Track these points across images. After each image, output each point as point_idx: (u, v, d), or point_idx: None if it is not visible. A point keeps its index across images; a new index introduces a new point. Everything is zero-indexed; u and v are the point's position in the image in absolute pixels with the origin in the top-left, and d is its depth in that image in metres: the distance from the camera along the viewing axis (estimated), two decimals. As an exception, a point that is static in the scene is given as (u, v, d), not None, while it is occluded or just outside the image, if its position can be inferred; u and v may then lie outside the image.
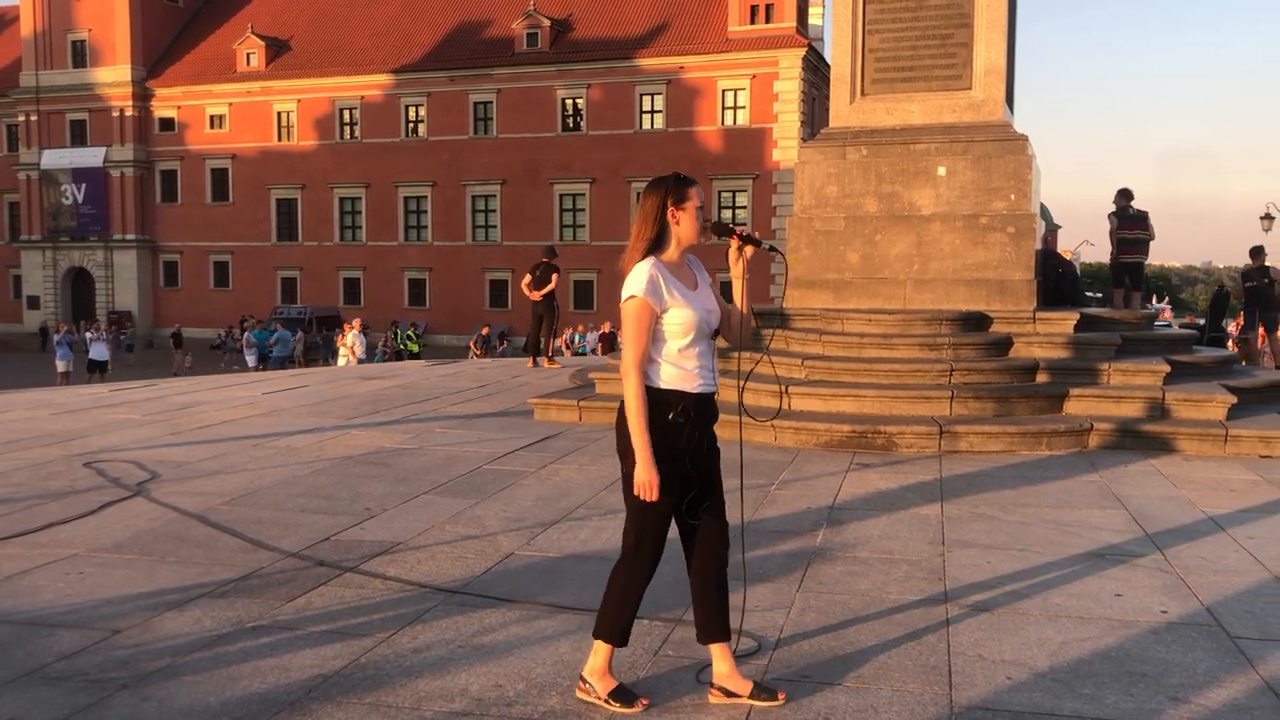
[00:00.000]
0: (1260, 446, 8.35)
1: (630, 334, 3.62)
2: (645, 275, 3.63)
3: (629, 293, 3.63)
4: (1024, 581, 5.13)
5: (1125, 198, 14.69)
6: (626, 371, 3.61)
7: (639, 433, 3.57)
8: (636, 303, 3.62)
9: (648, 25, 51.10)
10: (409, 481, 7.46)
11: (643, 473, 3.56)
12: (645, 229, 3.70)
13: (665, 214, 3.69)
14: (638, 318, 3.61)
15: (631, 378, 3.59)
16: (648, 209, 3.70)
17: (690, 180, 3.78)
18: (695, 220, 3.71)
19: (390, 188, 54.57)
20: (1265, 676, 3.99)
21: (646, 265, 3.66)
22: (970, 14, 10.97)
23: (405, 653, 4.22)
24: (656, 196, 3.69)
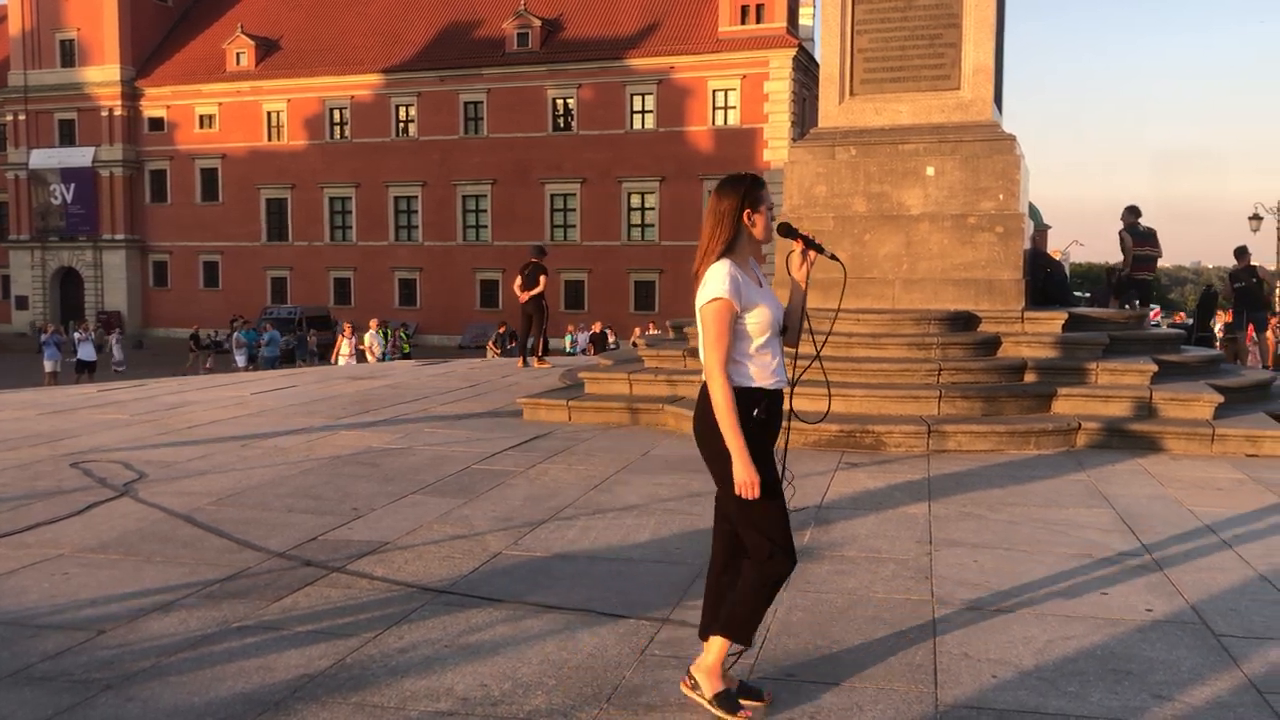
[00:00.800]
0: (1247, 445, 8.39)
1: (714, 335, 3.58)
2: (727, 276, 3.60)
3: (712, 295, 3.59)
4: (1010, 580, 5.14)
5: (1134, 214, 14.76)
6: (713, 374, 3.57)
7: (734, 433, 3.54)
8: (721, 304, 3.58)
9: (638, 25, 51.12)
10: (397, 481, 7.45)
11: (743, 472, 3.53)
12: (722, 231, 3.66)
13: (742, 216, 3.67)
14: (722, 319, 3.58)
15: (719, 379, 3.56)
16: (724, 210, 3.67)
17: (763, 181, 3.79)
18: (767, 222, 3.71)
19: (380, 187, 54.51)
20: (1249, 674, 4.01)
21: (726, 266, 3.63)
22: (959, 14, 10.99)
23: (391, 652, 4.22)
24: (734, 198, 3.67)
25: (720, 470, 3.66)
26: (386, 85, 53.93)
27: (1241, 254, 16.30)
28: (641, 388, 10.63)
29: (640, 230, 51.29)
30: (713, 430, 3.62)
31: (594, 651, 4.24)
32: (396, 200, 54.79)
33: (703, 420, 3.70)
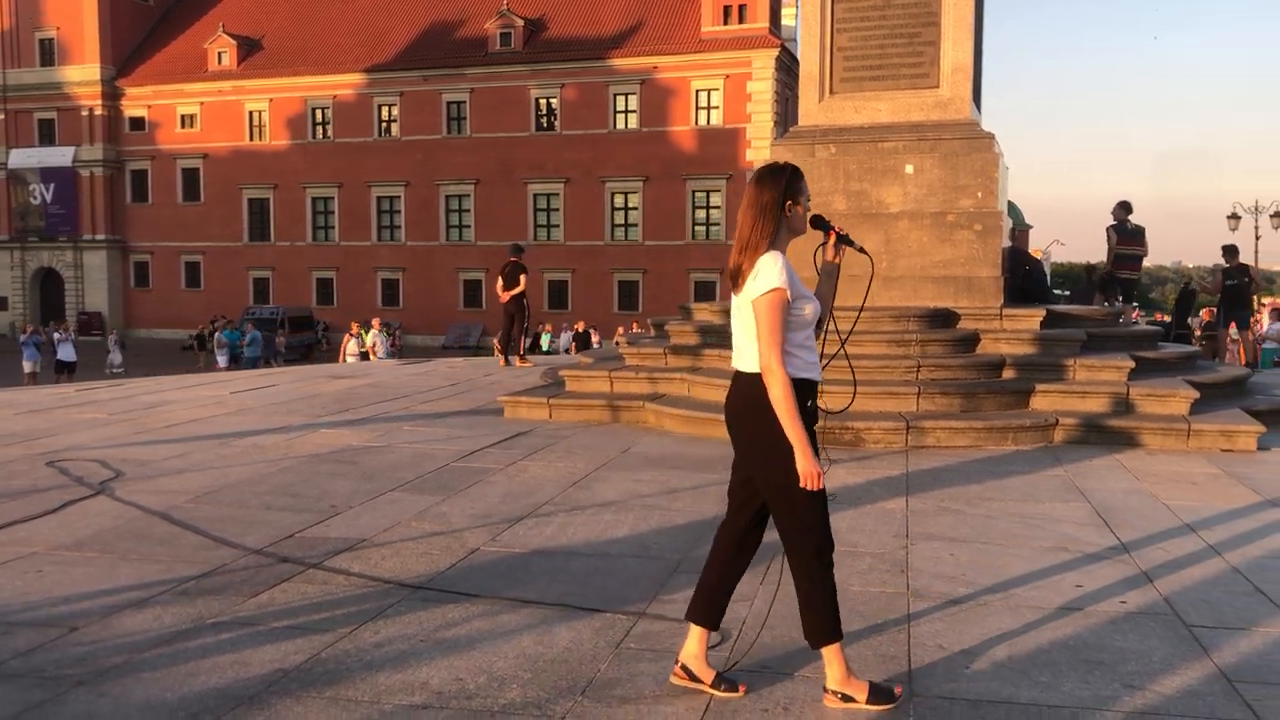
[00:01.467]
0: (1222, 441, 8.45)
1: (772, 327, 3.54)
2: (781, 266, 3.57)
3: (770, 285, 3.54)
4: (986, 574, 5.17)
5: (1125, 210, 14.73)
6: (772, 367, 3.53)
7: (795, 425, 3.52)
8: (779, 294, 3.54)
9: (621, 25, 51.13)
10: (376, 479, 7.43)
11: (806, 464, 3.52)
12: (766, 223, 3.63)
13: (783, 208, 3.65)
14: (779, 310, 3.55)
15: (779, 373, 3.53)
16: (766, 202, 3.64)
17: (802, 173, 3.77)
18: (805, 213, 3.72)
19: (363, 187, 54.36)
20: (1219, 664, 4.04)
21: (778, 257, 3.60)
22: (937, 13, 11.03)
23: (366, 647, 4.21)
24: (776, 190, 3.65)
25: (762, 459, 3.65)
26: (369, 85, 53.79)
27: (1233, 253, 16.40)
28: (622, 385, 10.63)
29: (624, 230, 51.31)
30: (757, 418, 3.61)
31: (570, 645, 4.24)
32: (379, 200, 54.65)
33: (746, 408, 3.68)
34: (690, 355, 10.89)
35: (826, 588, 3.68)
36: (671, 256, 49.80)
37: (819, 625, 3.68)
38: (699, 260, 49.55)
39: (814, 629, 3.69)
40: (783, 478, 3.59)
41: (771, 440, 3.58)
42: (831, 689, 3.68)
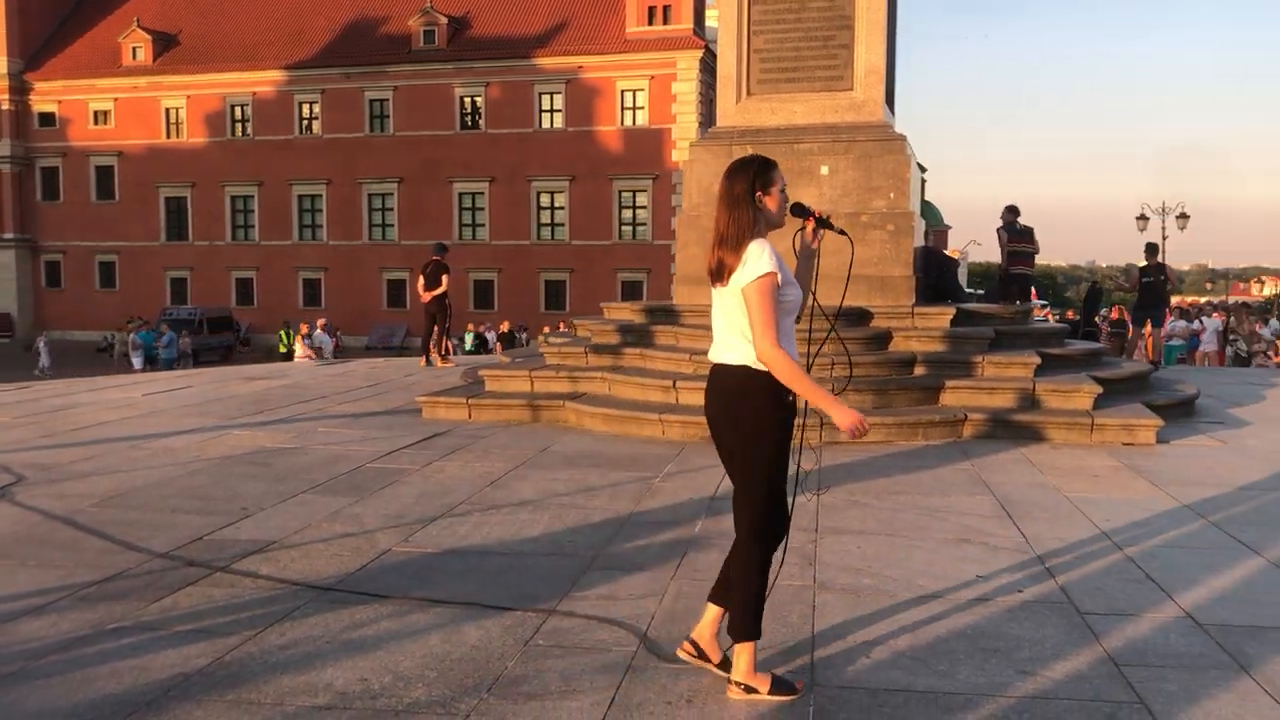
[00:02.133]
0: (1123, 434, 8.72)
1: (766, 312, 3.57)
2: (770, 252, 3.61)
3: (762, 270, 3.56)
4: (891, 565, 5.29)
5: (1013, 213, 15.16)
6: (772, 351, 3.56)
7: (814, 390, 3.56)
8: (772, 279, 3.58)
9: (546, 24, 50.98)
10: (288, 481, 7.35)
11: (846, 416, 3.56)
12: (742, 214, 3.67)
13: (755, 198, 3.68)
14: (772, 295, 3.58)
15: (779, 353, 3.56)
16: (738, 194, 3.68)
17: (773, 163, 3.80)
18: (780, 202, 3.74)
19: (284, 186, 53.46)
20: (1108, 649, 4.18)
21: (765, 244, 3.64)
22: (851, 16, 11.22)
23: (271, 650, 4.18)
24: (745, 181, 3.69)
25: (746, 447, 3.69)
26: (289, 82, 52.91)
27: (1152, 251, 16.90)
28: (543, 385, 10.64)
29: (550, 230, 51.18)
30: (753, 409, 3.64)
31: (478, 644, 4.25)
32: (300, 199, 53.79)
33: (724, 400, 3.73)
34: (611, 354, 10.93)
35: (756, 582, 3.75)
36: (599, 256, 49.81)
37: (740, 620, 3.74)
38: (626, 260, 49.63)
39: (735, 622, 3.76)
40: (753, 460, 3.68)
41: (746, 422, 3.65)
42: (735, 680, 3.74)
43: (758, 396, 3.64)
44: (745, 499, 3.75)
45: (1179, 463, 7.99)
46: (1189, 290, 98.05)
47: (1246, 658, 4.06)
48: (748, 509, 3.75)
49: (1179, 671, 3.93)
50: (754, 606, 3.74)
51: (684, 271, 11.82)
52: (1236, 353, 24.35)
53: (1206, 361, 22.25)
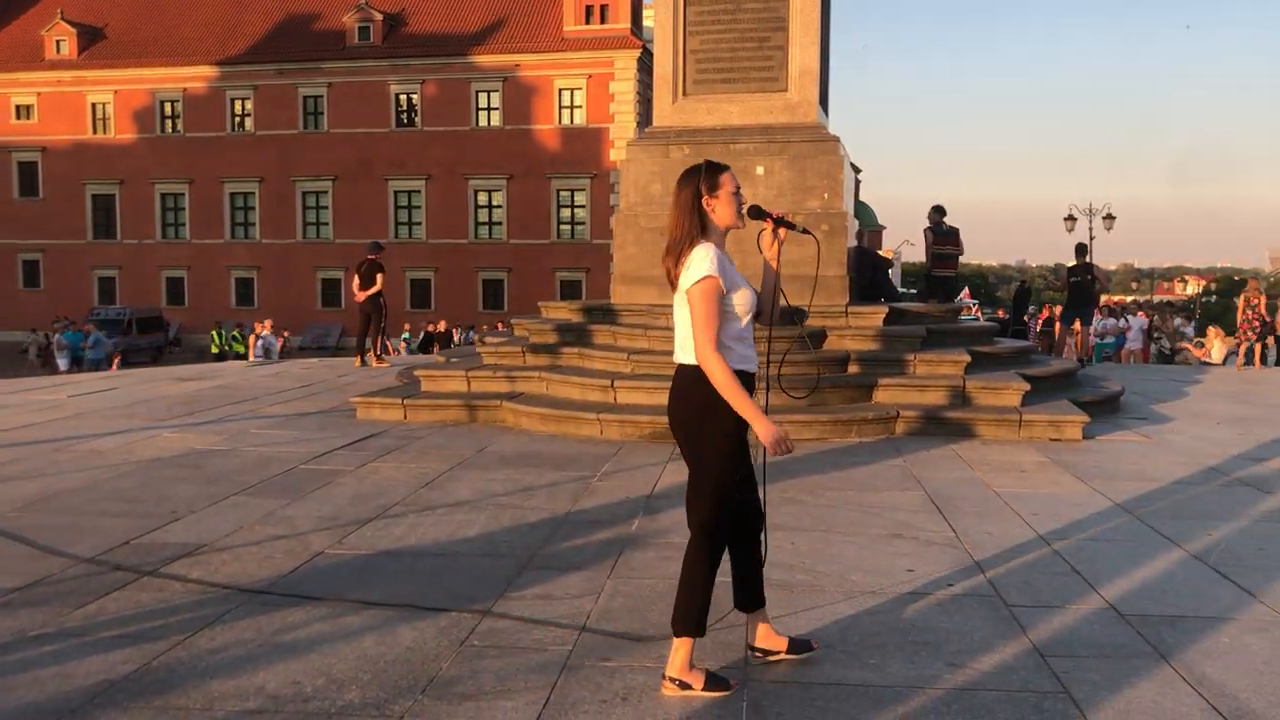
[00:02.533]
0: (1050, 430, 8.91)
1: (705, 315, 3.60)
2: (713, 255, 3.64)
3: (702, 273, 3.61)
4: (823, 561, 5.35)
5: (939, 214, 15.35)
6: (707, 352, 3.60)
7: (743, 400, 3.59)
8: (712, 282, 3.61)
9: (483, 22, 50.71)
10: (219, 483, 7.23)
11: (767, 429, 3.58)
12: (686, 220, 3.72)
13: (701, 203, 3.71)
14: (712, 298, 3.61)
15: (714, 357, 3.59)
16: (684, 200, 3.73)
17: (722, 167, 3.81)
18: (732, 205, 3.74)
19: (215, 183, 52.51)
20: (1034, 640, 4.27)
21: (709, 248, 3.67)
22: (786, 18, 11.32)
23: (201, 654, 4.11)
24: (691, 187, 3.73)
25: (701, 448, 3.73)
26: (221, 78, 51.99)
27: (1081, 251, 17.24)
28: (480, 384, 10.58)
29: (488, 228, 50.91)
30: (697, 409, 3.68)
31: (412, 645, 4.23)
32: (233, 197, 52.90)
33: (685, 401, 3.74)
34: (549, 354, 10.92)
35: (702, 578, 3.77)
36: (537, 255, 49.66)
37: (683, 613, 3.77)
38: (564, 259, 49.56)
39: (678, 615, 3.78)
40: (704, 461, 3.73)
41: (699, 421, 3.69)
42: (670, 676, 3.77)
43: (707, 395, 3.67)
44: (696, 496, 3.79)
45: (1104, 458, 8.18)
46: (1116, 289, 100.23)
47: (1166, 646, 4.18)
48: (698, 506, 3.79)
49: (1102, 661, 4.03)
50: (698, 602, 3.76)
51: (622, 271, 11.84)
52: (1161, 350, 24.98)
53: (1132, 359, 22.78)
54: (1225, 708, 3.61)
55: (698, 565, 3.78)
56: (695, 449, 3.77)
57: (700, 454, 3.76)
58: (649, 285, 11.51)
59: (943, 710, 3.62)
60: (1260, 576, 5.09)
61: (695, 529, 3.79)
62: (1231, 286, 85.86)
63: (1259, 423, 10.02)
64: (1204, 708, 3.61)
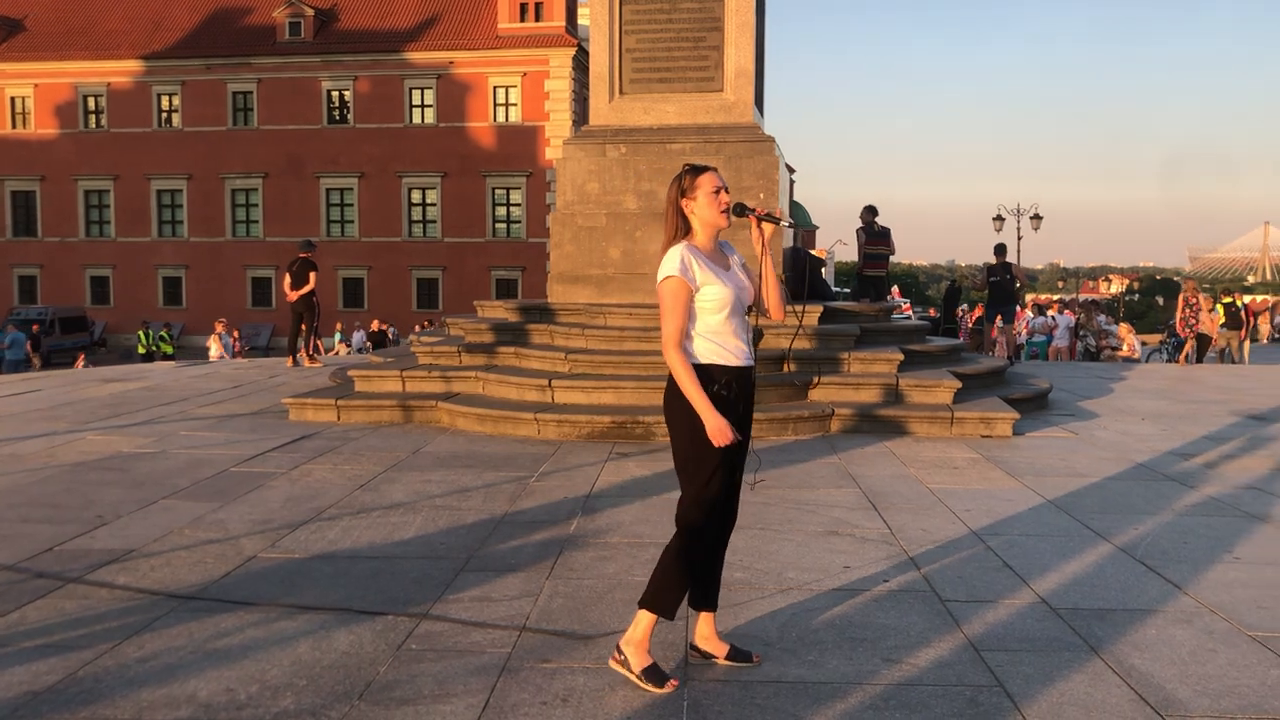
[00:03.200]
0: (981, 427, 9.06)
1: (668, 310, 3.78)
2: (678, 256, 3.81)
3: (665, 274, 3.79)
4: (761, 558, 5.38)
5: (871, 214, 15.52)
6: (666, 345, 3.79)
7: (696, 392, 3.73)
8: (674, 281, 3.78)
9: (416, 19, 50.25)
10: (147, 487, 7.07)
11: (712, 420, 3.70)
12: (669, 223, 3.92)
13: (681, 205, 3.87)
14: (674, 295, 3.78)
15: (673, 351, 3.78)
16: (668, 205, 3.93)
17: (701, 169, 3.93)
18: (712, 204, 3.85)
19: (142, 180, 51.36)
20: (969, 635, 4.34)
21: (678, 248, 3.84)
22: (721, 18, 11.37)
23: (130, 663, 4.01)
24: (673, 192, 3.91)
25: (674, 439, 3.88)
26: (147, 73, 50.86)
27: (1001, 251, 17.54)
28: (415, 385, 10.48)
29: (422, 226, 50.45)
30: (676, 404, 3.82)
31: (349, 650, 4.17)
32: (160, 194, 51.77)
33: (669, 395, 3.89)
34: (485, 353, 10.85)
35: (680, 566, 3.84)
36: (472, 254, 49.34)
37: (655, 591, 3.85)
38: (500, 258, 49.30)
39: (650, 592, 3.85)
40: (682, 452, 3.85)
41: (682, 417, 3.81)
42: (622, 646, 3.86)
43: (678, 391, 3.81)
44: (682, 492, 3.91)
45: (1034, 454, 8.34)
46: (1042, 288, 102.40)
47: (1096, 639, 4.26)
48: (681, 502, 3.90)
49: (1035, 655, 4.10)
50: (671, 583, 3.83)
51: (559, 270, 11.80)
52: (1086, 348, 25.54)
53: (1059, 356, 23.26)
54: (1153, 698, 3.69)
55: (674, 560, 3.85)
56: (673, 442, 3.91)
57: (676, 447, 3.89)
58: (586, 284, 11.50)
59: (881, 706, 3.65)
60: (1186, 569, 5.23)
61: (678, 525, 3.89)
62: (1154, 285, 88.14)
63: (1182, 419, 10.28)
64: (1133, 699, 3.69)
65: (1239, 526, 6.10)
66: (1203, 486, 7.17)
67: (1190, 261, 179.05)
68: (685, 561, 3.86)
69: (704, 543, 3.88)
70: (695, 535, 3.86)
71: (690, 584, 3.90)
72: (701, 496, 3.83)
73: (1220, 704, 3.65)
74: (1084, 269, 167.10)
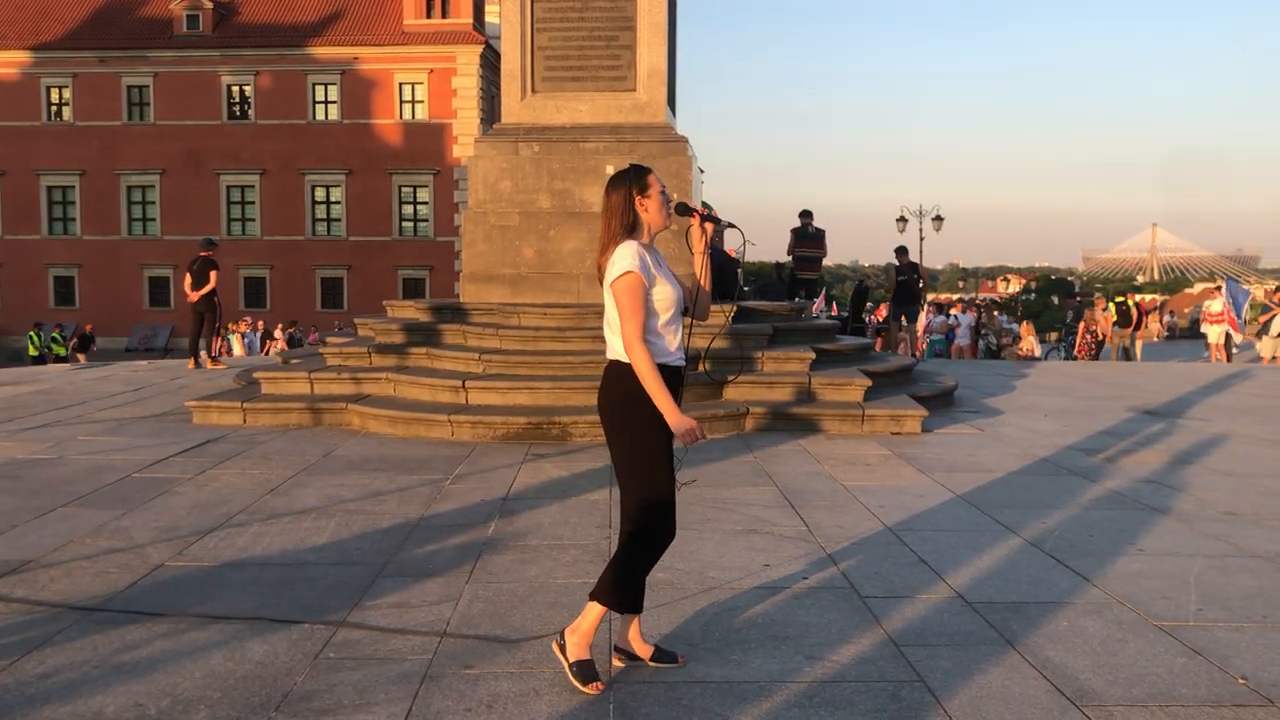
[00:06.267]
0: (891, 424, 9.21)
1: (629, 308, 3.72)
2: (633, 251, 3.76)
3: (623, 269, 3.73)
4: (683, 558, 5.38)
5: (806, 217, 15.72)
6: (633, 343, 3.71)
7: (660, 392, 3.69)
8: (633, 277, 3.72)
9: (320, 13, 49.34)
10: (45, 494, 6.80)
11: (679, 422, 3.70)
12: (616, 221, 3.85)
13: (634, 204, 3.83)
14: (634, 291, 3.72)
15: (639, 349, 3.71)
16: (615, 203, 3.85)
17: (647, 169, 3.94)
18: (661, 204, 3.86)
19: (30, 176, 49.45)
20: (888, 631, 4.40)
21: (631, 246, 3.78)
22: (633, 17, 11.36)
23: (29, 679, 3.84)
24: (623, 190, 3.85)
25: (615, 435, 3.85)
26: (35, 64, 49.00)
27: (903, 252, 17.90)
28: (324, 386, 10.27)
29: (326, 225, 49.55)
30: (619, 403, 3.80)
31: (264, 660, 4.05)
32: (50, 190, 49.91)
33: (608, 395, 3.86)
34: (396, 354, 10.68)
35: (629, 566, 3.83)
36: (378, 253, 48.62)
37: (606, 585, 3.83)
38: (407, 257, 48.67)
39: (601, 586, 3.84)
40: (625, 453, 3.84)
41: (624, 417, 3.80)
42: (567, 632, 3.89)
43: (627, 389, 3.77)
44: (625, 495, 3.89)
45: (943, 450, 8.51)
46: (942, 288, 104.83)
47: (1011, 632, 4.36)
48: (626, 505, 3.88)
49: (953, 649, 4.18)
50: (623, 579, 3.83)
51: (471, 269, 11.67)
52: (988, 346, 26.20)
53: (961, 354, 23.80)
54: (1068, 689, 3.78)
55: (631, 555, 3.85)
56: (620, 441, 3.86)
57: (619, 448, 3.86)
58: (500, 284, 11.40)
59: (805, 703, 3.68)
60: (1093, 562, 5.38)
61: (623, 528, 3.87)
62: (1049, 285, 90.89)
63: (1081, 415, 10.59)
64: (1049, 690, 3.78)
65: (1140, 519, 6.30)
66: (1105, 480, 7.39)
67: (1084, 262, 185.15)
68: (638, 563, 3.85)
69: (655, 544, 3.88)
70: (647, 537, 3.85)
71: (640, 585, 3.89)
72: (651, 497, 3.82)
73: (1132, 693, 3.76)
74: (982, 269, 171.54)
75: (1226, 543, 5.79)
